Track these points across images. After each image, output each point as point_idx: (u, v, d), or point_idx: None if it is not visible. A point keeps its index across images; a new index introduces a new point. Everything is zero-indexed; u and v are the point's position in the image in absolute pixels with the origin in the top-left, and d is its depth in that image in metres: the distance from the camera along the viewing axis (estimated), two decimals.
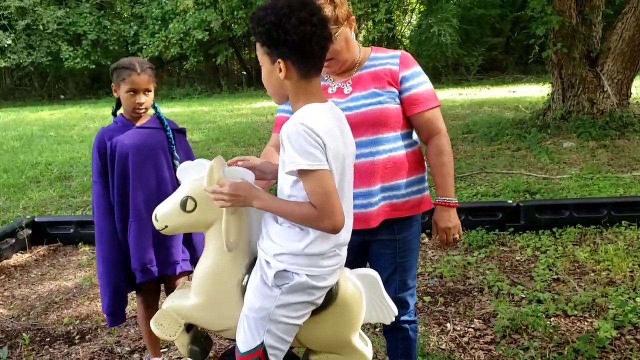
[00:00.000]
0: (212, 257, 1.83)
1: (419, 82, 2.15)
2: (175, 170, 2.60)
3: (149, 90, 2.60)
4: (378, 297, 1.94)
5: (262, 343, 1.73)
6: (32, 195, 6.93)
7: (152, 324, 1.91)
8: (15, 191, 7.22)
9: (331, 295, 1.79)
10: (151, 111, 2.71)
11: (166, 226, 1.85)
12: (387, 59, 2.15)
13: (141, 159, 2.57)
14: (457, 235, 2.25)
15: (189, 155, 2.71)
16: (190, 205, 1.80)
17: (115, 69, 2.61)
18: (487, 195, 5.74)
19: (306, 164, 1.57)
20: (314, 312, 1.78)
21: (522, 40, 19.10)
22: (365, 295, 1.90)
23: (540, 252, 4.31)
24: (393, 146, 2.11)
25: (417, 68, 2.17)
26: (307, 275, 1.69)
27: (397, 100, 2.12)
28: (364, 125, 2.07)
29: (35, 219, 5.24)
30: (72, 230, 5.14)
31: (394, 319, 1.98)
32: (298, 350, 2.13)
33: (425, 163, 2.29)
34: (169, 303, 1.94)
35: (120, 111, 2.71)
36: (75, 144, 11.08)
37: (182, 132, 2.79)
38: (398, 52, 2.19)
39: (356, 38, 2.20)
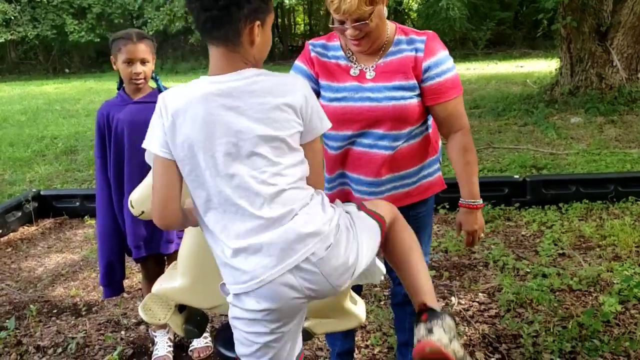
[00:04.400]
0: (193, 236, 1.79)
1: (443, 70, 2.01)
2: None
3: (147, 61, 2.54)
4: None
5: None
6: (38, 169, 6.95)
7: (140, 310, 1.88)
8: (21, 165, 7.25)
9: None
10: (153, 84, 2.67)
11: (143, 212, 1.79)
12: (413, 44, 2.02)
13: (135, 135, 2.51)
14: (482, 234, 2.20)
15: None
16: None
17: (113, 40, 2.56)
18: (494, 170, 5.72)
19: (146, 142, 1.49)
20: None
21: (530, 15, 18.88)
22: None
23: (546, 227, 4.29)
24: (407, 138, 2.05)
25: (443, 54, 2.03)
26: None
27: (419, 92, 2.02)
28: (383, 120, 1.99)
29: (41, 192, 5.26)
30: (77, 204, 5.16)
31: (383, 278, 1.90)
32: None
33: (440, 142, 2.24)
34: (157, 287, 1.91)
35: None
36: (80, 117, 11.07)
37: None
38: (424, 37, 2.03)
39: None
